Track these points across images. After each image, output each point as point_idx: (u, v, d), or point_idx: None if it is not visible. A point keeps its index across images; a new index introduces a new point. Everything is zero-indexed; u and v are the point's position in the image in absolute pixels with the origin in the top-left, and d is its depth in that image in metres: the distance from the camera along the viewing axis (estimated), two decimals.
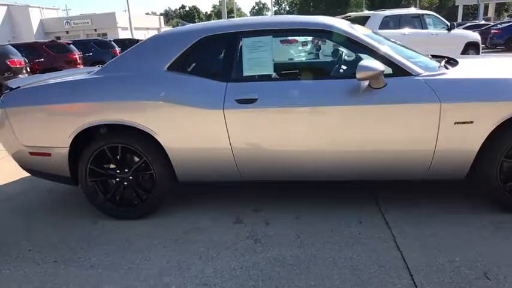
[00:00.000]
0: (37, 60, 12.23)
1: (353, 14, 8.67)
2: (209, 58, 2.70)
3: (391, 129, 2.40)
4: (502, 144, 2.40)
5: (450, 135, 2.38)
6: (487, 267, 2.02)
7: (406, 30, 8.60)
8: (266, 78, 2.56)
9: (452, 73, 2.47)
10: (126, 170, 2.78)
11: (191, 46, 2.65)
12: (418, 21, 8.79)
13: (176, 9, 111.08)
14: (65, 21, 42.21)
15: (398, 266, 2.10)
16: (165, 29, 41.49)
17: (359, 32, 2.61)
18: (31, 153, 2.86)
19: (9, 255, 2.46)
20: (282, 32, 2.66)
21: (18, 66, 9.74)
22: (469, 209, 2.65)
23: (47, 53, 12.63)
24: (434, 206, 2.72)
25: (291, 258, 2.23)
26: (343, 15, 9.05)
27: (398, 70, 2.43)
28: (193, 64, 2.69)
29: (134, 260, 2.32)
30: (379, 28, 8.14)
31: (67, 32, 42.28)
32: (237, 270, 2.15)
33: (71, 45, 13.40)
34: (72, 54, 12.86)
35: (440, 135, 2.38)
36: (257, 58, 2.57)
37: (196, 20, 68.75)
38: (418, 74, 2.42)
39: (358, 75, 2.24)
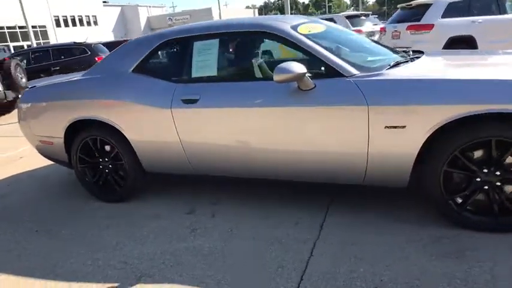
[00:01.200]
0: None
1: (414, 2, 7.98)
2: (165, 61, 2.95)
3: (319, 131, 2.37)
4: (442, 152, 2.19)
5: (382, 140, 2.26)
6: (382, 283, 1.93)
7: (479, 17, 7.63)
8: (209, 79, 2.71)
9: (392, 73, 2.32)
10: (106, 159, 3.19)
11: (152, 51, 2.92)
12: (495, 5, 7.70)
13: (275, 1, 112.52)
14: (167, 17, 46.10)
15: (296, 268, 2.11)
16: None
17: (304, 31, 2.58)
18: (41, 141, 3.45)
19: (11, 222, 3.06)
20: (227, 35, 2.76)
21: None
22: (416, 219, 2.47)
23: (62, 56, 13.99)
24: (380, 213, 2.58)
25: (208, 249, 2.39)
26: (406, 3, 8.39)
27: (331, 71, 2.37)
28: (153, 67, 2.96)
29: (91, 237, 2.71)
30: (443, 17, 7.38)
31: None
32: (157, 255, 2.39)
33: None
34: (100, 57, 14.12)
35: (371, 140, 2.28)
36: (203, 61, 2.73)
37: (293, 12, 68.62)
38: (352, 75, 2.33)
39: (275, 78, 2.26)
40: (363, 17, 10.59)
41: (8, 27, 32.84)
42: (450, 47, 7.27)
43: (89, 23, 41.00)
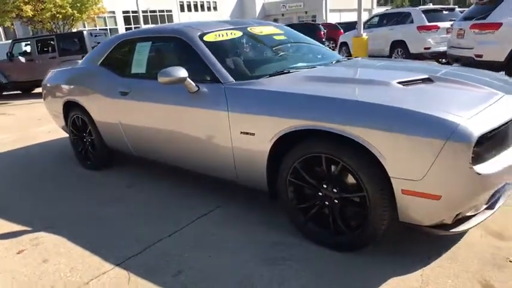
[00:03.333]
0: None
1: None
2: (119, 58, 3.47)
3: (199, 129, 2.65)
4: (286, 162, 2.29)
5: (240, 144, 2.44)
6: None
7: None
8: (138, 76, 3.16)
9: (261, 83, 2.45)
10: (85, 135, 3.92)
11: (112, 48, 3.50)
12: None
13: None
14: (281, 4, 46.83)
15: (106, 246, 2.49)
16: (377, 10, 40.22)
17: (209, 39, 2.83)
18: (53, 116, 4.37)
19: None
20: (155, 39, 3.16)
21: None
22: (271, 223, 2.58)
23: None
24: (243, 211, 2.76)
25: (104, 214, 2.91)
26: None
27: (213, 77, 2.60)
28: (111, 62, 3.52)
29: (69, 193, 3.44)
30: None
31: (282, 15, 46.92)
32: (77, 214, 2.99)
33: None
34: None
35: (233, 143, 2.48)
36: (138, 59, 3.19)
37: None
38: (226, 82, 2.54)
39: (158, 80, 2.58)
40: (445, 12, 9.59)
41: (143, 11, 37.40)
42: None
43: (209, 8, 44.24)
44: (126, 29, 33.03)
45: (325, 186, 2.20)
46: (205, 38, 2.82)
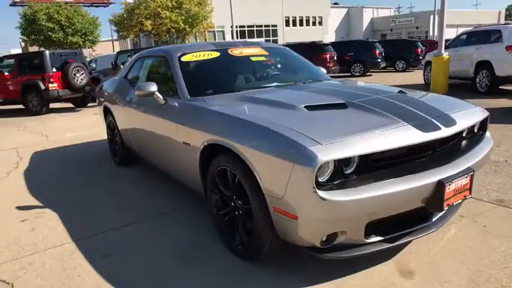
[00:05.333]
0: None
1: None
2: (133, 71, 4.06)
3: (162, 137, 3.04)
4: (209, 173, 2.51)
5: (183, 153, 2.76)
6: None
7: None
8: None
9: (204, 100, 2.74)
10: (115, 135, 4.64)
11: (132, 64, 4.12)
12: None
13: None
14: (390, 19, 45.03)
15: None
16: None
17: (186, 59, 3.20)
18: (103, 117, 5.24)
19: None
20: (152, 58, 3.66)
21: None
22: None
23: (305, 52, 15.36)
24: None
25: (100, 203, 3.49)
26: None
27: (176, 92, 2.97)
28: (129, 75, 4.14)
29: (91, 183, 4.22)
30: None
31: (391, 30, 45.07)
32: (79, 199, 3.65)
33: (328, 46, 15.61)
34: (324, 54, 15.01)
35: (180, 151, 2.81)
36: (142, 73, 3.76)
37: None
38: (184, 97, 2.88)
39: (135, 92, 3.05)
40: None
41: (249, 26, 39.70)
42: None
43: (314, 23, 44.79)
44: None
45: (234, 197, 2.38)
46: (183, 58, 3.21)
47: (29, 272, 2.42)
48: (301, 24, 44.00)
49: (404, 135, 1.95)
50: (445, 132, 2.06)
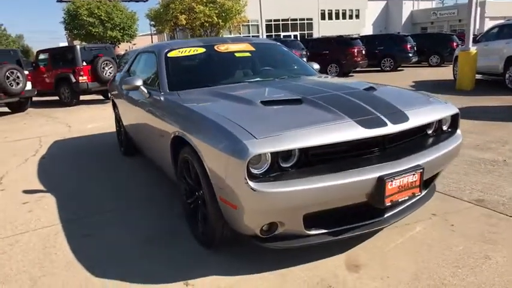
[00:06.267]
0: (323, 52, 15.05)
1: None
2: (137, 66, 4.26)
3: (149, 128, 3.21)
4: (178, 163, 2.66)
5: (161, 144, 2.90)
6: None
7: None
8: None
9: (179, 94, 2.88)
10: (120, 126, 4.90)
11: (133, 59, 4.34)
12: None
13: None
14: (432, 12, 43.10)
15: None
16: None
17: (172, 54, 3.33)
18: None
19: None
20: (146, 53, 3.81)
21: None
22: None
23: (332, 46, 15.19)
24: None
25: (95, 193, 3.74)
26: None
27: (159, 86, 3.12)
28: (132, 69, 4.35)
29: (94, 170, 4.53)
30: None
31: (431, 23, 43.20)
32: (79, 187, 3.93)
33: (356, 40, 15.29)
34: (352, 48, 14.72)
35: (159, 142, 2.97)
36: (137, 67, 3.96)
37: None
38: (164, 91, 3.03)
39: (122, 86, 3.25)
40: None
41: (283, 20, 39.45)
42: None
43: (350, 17, 43.77)
44: (267, 36, 35.35)
45: (197, 187, 2.50)
46: (169, 54, 3.36)
47: (15, 248, 2.68)
48: (337, 17, 43.14)
49: (344, 131, 1.98)
50: (391, 128, 2.07)
